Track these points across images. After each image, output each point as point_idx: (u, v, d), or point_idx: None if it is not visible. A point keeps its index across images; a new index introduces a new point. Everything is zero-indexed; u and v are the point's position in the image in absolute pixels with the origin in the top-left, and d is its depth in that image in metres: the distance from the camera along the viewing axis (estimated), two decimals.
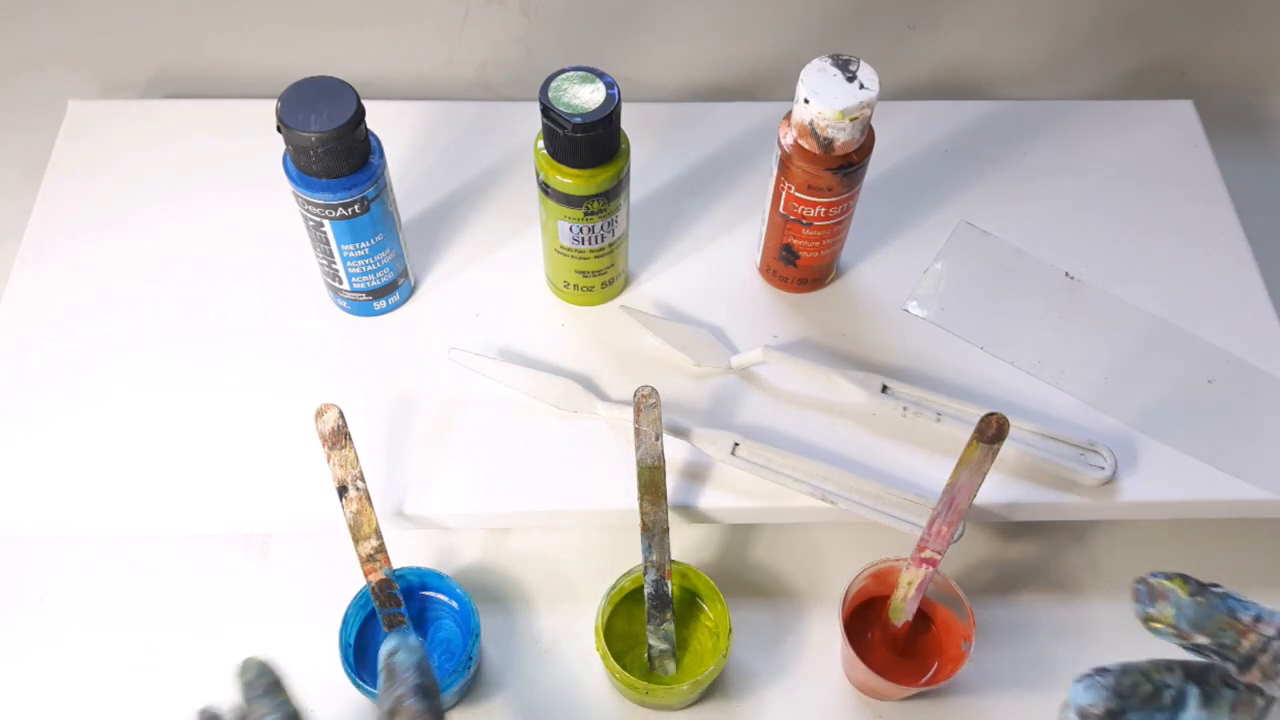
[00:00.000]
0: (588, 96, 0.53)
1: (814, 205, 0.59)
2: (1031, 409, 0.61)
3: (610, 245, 0.60)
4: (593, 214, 0.57)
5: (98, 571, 0.62)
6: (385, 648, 0.40)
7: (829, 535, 0.64)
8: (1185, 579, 0.39)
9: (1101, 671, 0.38)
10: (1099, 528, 0.65)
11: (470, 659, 0.55)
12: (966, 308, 0.64)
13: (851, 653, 0.55)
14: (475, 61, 0.85)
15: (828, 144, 0.55)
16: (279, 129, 0.53)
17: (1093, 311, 0.64)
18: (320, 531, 0.57)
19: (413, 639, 0.41)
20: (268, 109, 0.66)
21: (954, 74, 0.85)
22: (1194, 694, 0.38)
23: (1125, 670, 0.38)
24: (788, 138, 0.57)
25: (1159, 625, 0.39)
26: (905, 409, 0.59)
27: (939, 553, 0.53)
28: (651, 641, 0.56)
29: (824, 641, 0.61)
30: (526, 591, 0.62)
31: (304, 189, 0.55)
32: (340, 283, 0.61)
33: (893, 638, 0.57)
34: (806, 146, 0.56)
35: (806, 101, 0.54)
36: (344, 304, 0.63)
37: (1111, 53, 0.86)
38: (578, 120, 0.52)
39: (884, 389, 0.60)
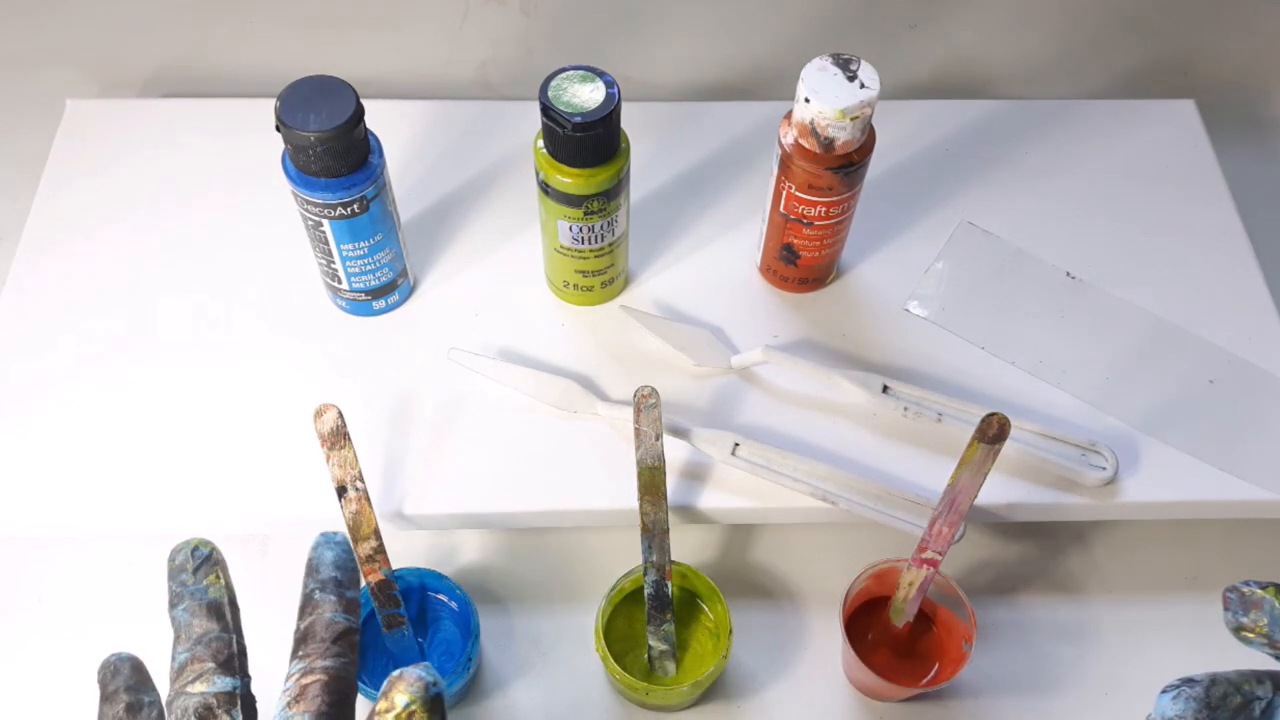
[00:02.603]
0: (588, 95, 0.53)
1: (814, 205, 0.58)
2: (1032, 409, 0.61)
3: (610, 245, 0.60)
4: (593, 214, 0.57)
5: (96, 572, 0.62)
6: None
7: (829, 535, 0.64)
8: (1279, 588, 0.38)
9: (1189, 682, 0.37)
10: (1100, 528, 0.65)
11: (470, 659, 0.55)
12: (967, 307, 0.64)
13: (852, 653, 0.54)
14: (475, 61, 0.84)
15: (828, 143, 0.55)
16: (278, 128, 0.53)
17: (1094, 311, 0.64)
18: (319, 532, 0.57)
19: (340, 535, 0.40)
20: (267, 108, 0.66)
21: (955, 73, 0.84)
22: None
23: (1214, 681, 0.37)
24: (788, 137, 0.57)
25: (1252, 635, 0.38)
26: (906, 409, 0.59)
27: (940, 553, 0.53)
28: (652, 642, 0.56)
29: (825, 642, 0.61)
30: (526, 591, 0.62)
31: (303, 188, 0.55)
32: (339, 282, 0.61)
33: (894, 638, 0.57)
34: (807, 146, 0.56)
35: (807, 101, 0.54)
36: (343, 304, 0.63)
37: (1113, 52, 0.86)
38: (577, 119, 0.52)
39: (885, 389, 0.60)
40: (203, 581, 0.38)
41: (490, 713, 0.58)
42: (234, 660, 0.38)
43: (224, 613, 0.38)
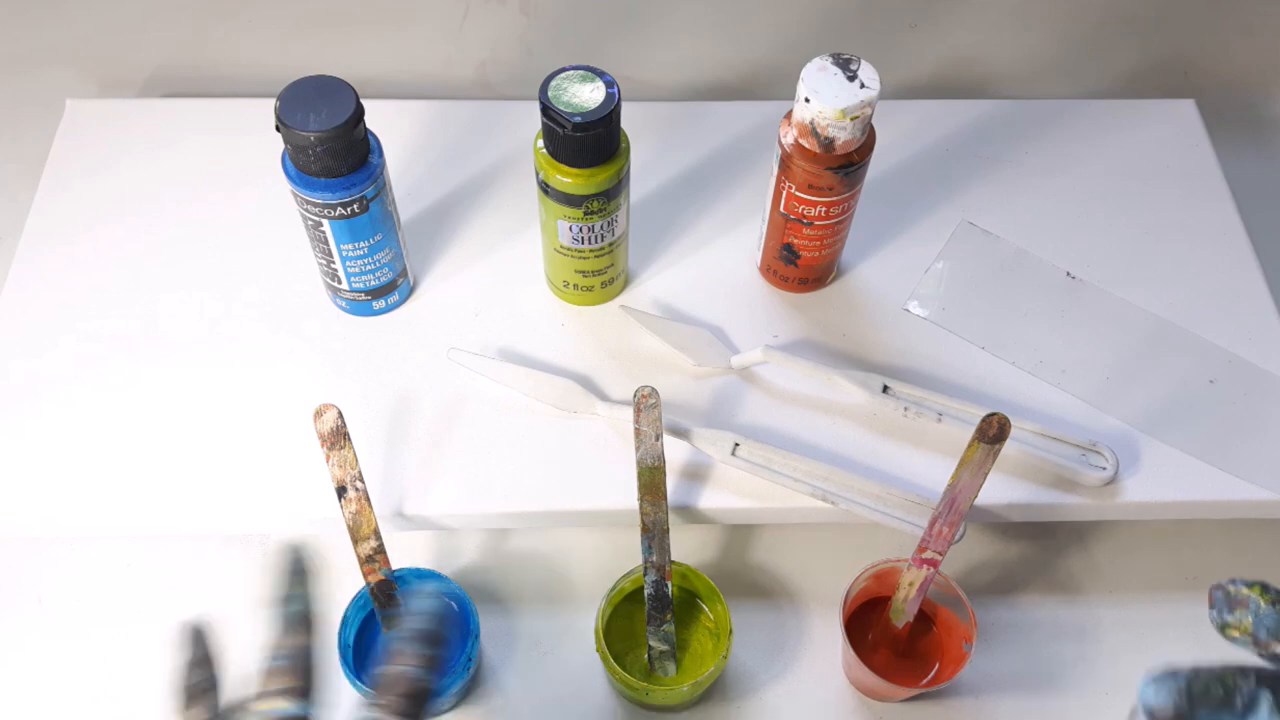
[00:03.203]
0: (587, 95, 0.53)
1: (815, 205, 0.58)
2: (1033, 409, 0.61)
3: (610, 245, 0.60)
4: (593, 213, 0.57)
5: (96, 572, 0.62)
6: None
7: (829, 535, 0.64)
8: (1265, 587, 0.38)
9: (1173, 672, 0.38)
10: (1100, 528, 0.65)
11: (470, 660, 0.55)
12: (967, 307, 0.64)
13: (852, 654, 0.54)
14: (475, 60, 0.84)
15: (828, 143, 0.55)
16: (278, 128, 0.53)
17: (1094, 311, 0.64)
18: (319, 532, 0.57)
19: (430, 585, 0.41)
20: (266, 108, 0.66)
21: (955, 73, 0.84)
22: (1266, 699, 0.37)
23: (1197, 673, 0.37)
24: (788, 137, 0.57)
25: (1236, 634, 0.38)
26: (906, 409, 0.59)
27: (940, 553, 0.53)
28: (651, 642, 0.56)
29: (825, 642, 0.61)
30: (526, 591, 0.62)
31: (303, 188, 0.55)
32: (339, 282, 0.61)
33: (894, 638, 0.57)
34: (807, 145, 0.56)
35: (807, 100, 0.54)
36: (343, 304, 0.63)
37: (1113, 52, 0.86)
38: (577, 119, 0.52)
39: (885, 389, 0.60)
40: (307, 591, 0.40)
41: (490, 713, 0.58)
42: (310, 684, 0.39)
43: (313, 629, 0.40)
